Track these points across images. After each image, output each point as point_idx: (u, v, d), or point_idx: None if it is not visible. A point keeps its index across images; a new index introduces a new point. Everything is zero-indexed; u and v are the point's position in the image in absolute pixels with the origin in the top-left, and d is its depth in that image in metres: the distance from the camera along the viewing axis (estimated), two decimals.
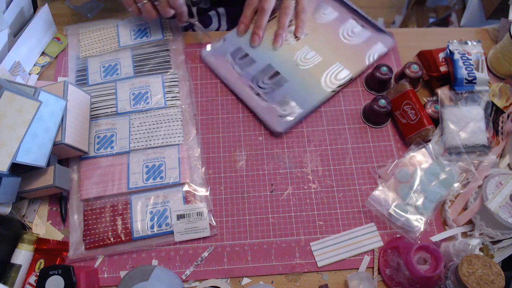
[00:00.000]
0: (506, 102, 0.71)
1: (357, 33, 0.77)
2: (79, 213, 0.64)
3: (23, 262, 0.59)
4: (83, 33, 0.78)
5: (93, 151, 0.67)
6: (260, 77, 0.72)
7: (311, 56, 0.74)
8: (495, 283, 0.49)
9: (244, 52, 0.75)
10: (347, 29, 0.77)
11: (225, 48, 0.76)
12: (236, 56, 0.75)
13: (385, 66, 0.71)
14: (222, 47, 0.76)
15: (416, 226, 0.61)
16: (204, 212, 0.64)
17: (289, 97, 0.71)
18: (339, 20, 0.79)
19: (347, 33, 0.77)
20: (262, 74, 0.73)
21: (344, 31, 0.77)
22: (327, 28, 0.78)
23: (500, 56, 0.74)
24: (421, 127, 0.66)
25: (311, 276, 0.62)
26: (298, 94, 0.71)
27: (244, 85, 0.72)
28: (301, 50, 0.75)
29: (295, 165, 0.69)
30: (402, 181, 0.64)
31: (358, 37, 0.77)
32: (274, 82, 0.72)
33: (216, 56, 0.75)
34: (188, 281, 0.61)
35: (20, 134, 0.55)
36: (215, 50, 0.76)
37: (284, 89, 0.72)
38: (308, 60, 0.74)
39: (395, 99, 0.70)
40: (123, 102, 0.71)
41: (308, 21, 0.78)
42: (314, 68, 0.74)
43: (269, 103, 0.71)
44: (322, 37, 0.77)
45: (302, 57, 0.74)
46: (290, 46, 0.76)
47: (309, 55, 0.75)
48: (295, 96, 0.71)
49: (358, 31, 0.77)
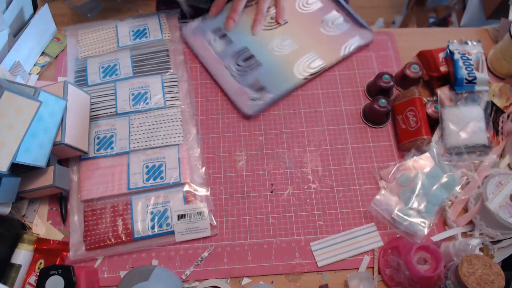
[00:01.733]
0: (506, 102, 0.71)
1: (337, 25, 0.78)
2: (79, 214, 0.64)
3: (23, 262, 0.59)
4: (82, 34, 0.78)
5: (93, 152, 0.67)
6: (235, 58, 0.74)
7: (287, 44, 0.76)
8: (495, 283, 0.49)
9: (223, 33, 0.76)
10: (328, 20, 0.78)
11: (205, 27, 0.78)
12: (215, 35, 0.76)
13: (387, 74, 0.70)
14: (202, 26, 0.78)
15: (420, 230, 0.61)
16: (205, 212, 0.64)
17: (261, 81, 0.72)
18: (322, 10, 0.80)
19: (328, 24, 0.78)
20: (238, 55, 0.74)
21: (325, 21, 0.78)
22: (308, 18, 0.79)
23: (500, 56, 0.74)
24: (418, 135, 0.66)
25: (311, 276, 0.62)
26: (270, 79, 0.73)
27: (219, 65, 0.74)
28: (280, 37, 0.76)
29: (295, 165, 0.69)
30: (403, 185, 0.64)
31: (337, 29, 0.78)
32: (249, 65, 0.73)
33: (195, 34, 0.77)
34: (188, 281, 0.61)
35: (20, 134, 0.55)
36: (195, 29, 0.78)
37: (258, 73, 0.73)
38: (284, 47, 0.75)
39: (400, 104, 0.70)
40: (122, 102, 0.71)
41: (291, 10, 0.79)
42: (289, 55, 0.75)
43: (242, 86, 0.72)
44: (302, 26, 0.78)
45: (278, 44, 0.76)
46: (269, 32, 0.77)
47: (285, 42, 0.76)
48: (267, 81, 0.72)
49: (339, 23, 0.78)
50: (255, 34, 0.76)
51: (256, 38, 0.76)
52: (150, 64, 0.75)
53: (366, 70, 0.77)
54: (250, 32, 0.76)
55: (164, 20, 0.80)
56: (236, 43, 0.75)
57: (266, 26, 0.77)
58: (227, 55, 0.74)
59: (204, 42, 0.76)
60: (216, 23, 0.77)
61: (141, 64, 0.75)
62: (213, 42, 0.76)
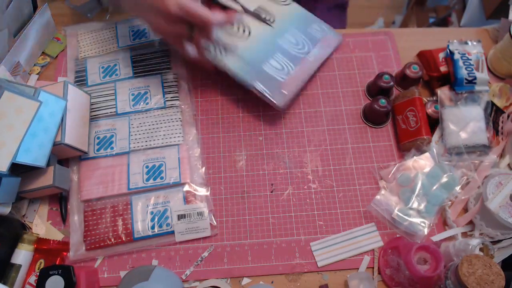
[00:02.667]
0: (506, 102, 0.71)
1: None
2: (79, 214, 0.64)
3: (23, 262, 0.59)
4: (82, 34, 0.78)
5: (93, 152, 0.67)
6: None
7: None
8: (495, 283, 0.49)
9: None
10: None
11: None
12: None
13: (387, 74, 0.70)
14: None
15: (420, 230, 0.61)
16: (205, 212, 0.64)
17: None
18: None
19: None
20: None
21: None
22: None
23: (500, 56, 0.74)
24: (418, 135, 0.66)
25: (311, 276, 0.62)
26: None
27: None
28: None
29: (295, 165, 0.69)
30: (403, 185, 0.64)
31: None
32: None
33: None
34: (188, 281, 0.61)
35: (20, 134, 0.55)
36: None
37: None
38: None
39: (400, 104, 0.70)
40: (122, 102, 0.71)
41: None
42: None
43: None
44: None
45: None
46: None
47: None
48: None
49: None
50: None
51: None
52: (150, 64, 0.75)
53: (366, 70, 0.77)
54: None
55: None
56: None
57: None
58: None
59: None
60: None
61: (141, 64, 0.75)
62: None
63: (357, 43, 0.80)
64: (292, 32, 0.74)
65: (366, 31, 0.82)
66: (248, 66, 0.69)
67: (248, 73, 0.69)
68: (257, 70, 0.69)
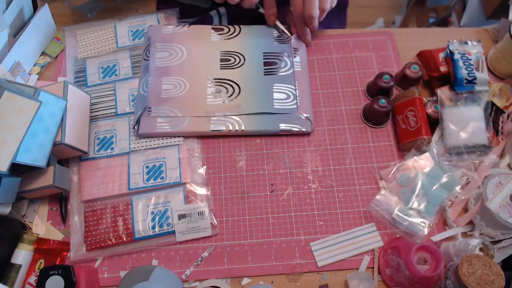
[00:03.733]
0: (506, 102, 0.71)
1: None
2: (79, 214, 0.64)
3: (23, 262, 0.59)
4: (81, 34, 0.78)
5: (93, 152, 0.67)
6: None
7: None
8: (495, 283, 0.49)
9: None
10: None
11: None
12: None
13: (387, 74, 0.70)
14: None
15: (420, 230, 0.61)
16: (205, 212, 0.64)
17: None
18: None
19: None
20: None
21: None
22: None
23: (500, 56, 0.74)
24: (418, 135, 0.66)
25: (311, 276, 0.62)
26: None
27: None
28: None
29: (295, 165, 0.69)
30: (403, 185, 0.64)
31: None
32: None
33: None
34: (188, 281, 0.61)
35: (20, 134, 0.55)
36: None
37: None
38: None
39: (400, 104, 0.70)
40: (122, 103, 0.71)
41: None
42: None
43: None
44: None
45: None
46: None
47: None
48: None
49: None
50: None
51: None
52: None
53: (366, 70, 0.77)
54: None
55: (163, 19, 0.80)
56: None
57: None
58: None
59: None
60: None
61: (140, 65, 0.75)
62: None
63: (357, 43, 0.80)
64: (265, 58, 0.74)
65: (366, 31, 0.82)
66: (262, 117, 0.70)
67: (268, 123, 0.69)
68: (272, 116, 0.70)
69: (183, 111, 0.69)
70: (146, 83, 0.70)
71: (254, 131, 0.69)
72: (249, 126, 0.69)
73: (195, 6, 0.88)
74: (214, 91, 0.71)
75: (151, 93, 0.69)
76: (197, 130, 0.68)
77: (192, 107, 0.69)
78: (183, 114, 0.69)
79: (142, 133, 0.68)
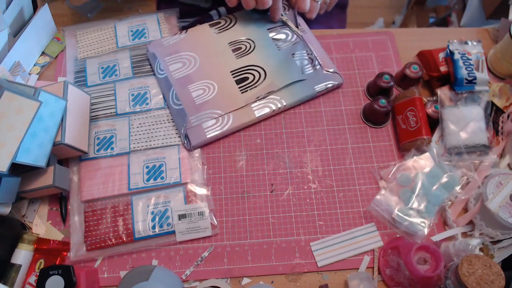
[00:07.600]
0: (506, 102, 0.71)
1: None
2: (80, 214, 0.64)
3: (23, 262, 0.59)
4: (81, 34, 0.78)
5: (93, 152, 0.67)
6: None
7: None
8: (495, 283, 0.49)
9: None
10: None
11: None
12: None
13: (387, 74, 0.70)
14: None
15: (420, 230, 0.61)
16: (206, 212, 0.64)
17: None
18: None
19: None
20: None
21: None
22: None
23: (500, 56, 0.74)
24: (418, 135, 0.66)
25: (311, 276, 0.62)
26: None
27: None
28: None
29: (295, 165, 0.69)
30: (403, 185, 0.64)
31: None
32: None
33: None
34: (188, 281, 0.61)
35: (20, 134, 0.55)
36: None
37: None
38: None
39: (400, 104, 0.70)
40: (122, 103, 0.71)
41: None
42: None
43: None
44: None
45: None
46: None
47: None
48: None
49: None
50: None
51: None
52: (149, 64, 0.75)
53: (366, 70, 0.77)
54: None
55: (163, 19, 0.80)
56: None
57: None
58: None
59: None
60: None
61: (140, 65, 0.75)
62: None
63: (357, 43, 0.80)
64: (270, 33, 0.76)
65: (366, 31, 0.82)
66: (296, 87, 0.72)
67: (304, 90, 0.72)
68: (305, 82, 0.72)
69: (223, 109, 0.69)
70: (174, 95, 0.70)
71: (295, 102, 0.72)
72: (289, 99, 0.71)
73: (195, 6, 0.88)
74: (242, 80, 0.72)
75: (185, 105, 0.69)
76: (244, 122, 0.69)
77: (230, 102, 0.70)
78: (224, 111, 0.69)
79: (195, 145, 0.68)
